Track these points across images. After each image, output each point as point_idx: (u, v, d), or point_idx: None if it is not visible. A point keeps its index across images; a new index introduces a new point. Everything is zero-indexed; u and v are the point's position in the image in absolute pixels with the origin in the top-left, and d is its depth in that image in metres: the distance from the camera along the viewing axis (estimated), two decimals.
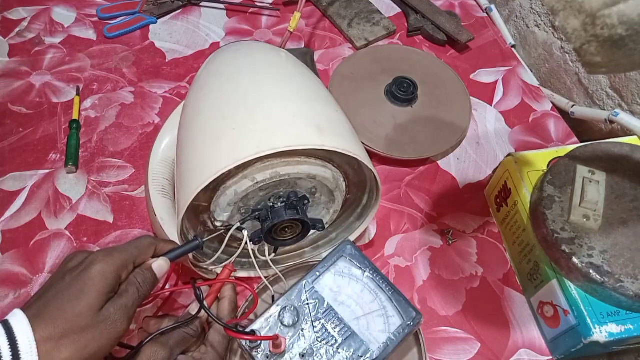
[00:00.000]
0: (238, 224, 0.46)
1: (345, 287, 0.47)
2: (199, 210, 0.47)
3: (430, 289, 0.57)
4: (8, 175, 0.62)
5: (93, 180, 0.63)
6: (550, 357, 0.53)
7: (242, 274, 0.54)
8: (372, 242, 0.60)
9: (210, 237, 0.47)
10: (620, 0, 0.31)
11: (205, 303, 0.44)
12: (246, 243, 0.47)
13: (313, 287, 0.46)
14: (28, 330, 0.30)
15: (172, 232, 0.50)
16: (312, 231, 0.51)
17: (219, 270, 0.51)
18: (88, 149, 0.65)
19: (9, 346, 0.29)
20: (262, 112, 0.44)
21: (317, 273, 0.47)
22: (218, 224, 0.47)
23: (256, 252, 0.48)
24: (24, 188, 0.61)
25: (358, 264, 0.48)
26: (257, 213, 0.46)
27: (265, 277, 0.50)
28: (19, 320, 0.31)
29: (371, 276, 0.47)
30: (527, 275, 0.56)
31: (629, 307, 0.47)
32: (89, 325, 0.33)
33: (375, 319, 0.45)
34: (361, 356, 0.43)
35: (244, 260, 0.54)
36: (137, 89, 0.72)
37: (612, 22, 0.31)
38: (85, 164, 0.64)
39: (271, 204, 0.47)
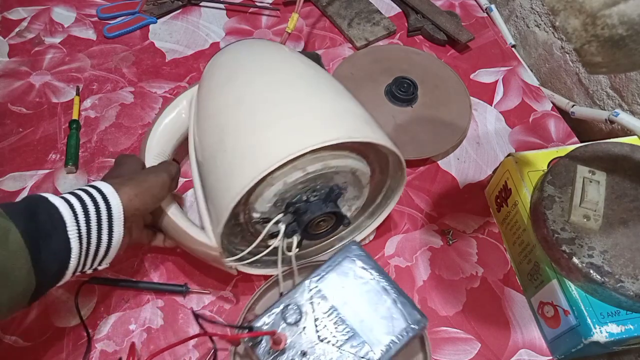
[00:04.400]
0: (280, 215, 0.46)
1: (349, 288, 0.47)
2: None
3: (430, 289, 0.57)
4: (8, 175, 0.62)
5: (93, 180, 0.63)
6: (551, 357, 0.53)
7: (252, 271, 0.54)
8: (372, 242, 0.60)
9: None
10: (620, 0, 0.31)
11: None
12: (280, 236, 0.47)
13: (317, 287, 0.46)
14: (108, 185, 0.43)
15: (188, 226, 0.49)
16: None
17: (241, 268, 0.51)
18: (88, 149, 0.65)
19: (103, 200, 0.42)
20: (316, 104, 0.45)
21: (322, 272, 0.47)
22: (256, 215, 0.46)
23: (279, 252, 0.48)
24: (23, 188, 0.61)
25: (364, 265, 0.48)
26: (296, 206, 0.46)
27: (276, 274, 0.50)
28: (102, 184, 0.44)
29: (376, 278, 0.47)
30: (528, 275, 0.56)
31: (629, 307, 0.47)
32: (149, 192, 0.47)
33: (379, 320, 0.45)
34: (363, 357, 0.43)
35: (253, 258, 0.53)
36: (137, 89, 0.72)
37: (612, 22, 0.31)
38: (85, 164, 0.64)
39: (306, 198, 0.47)
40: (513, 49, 0.82)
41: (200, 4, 0.83)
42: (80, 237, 0.40)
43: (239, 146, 0.44)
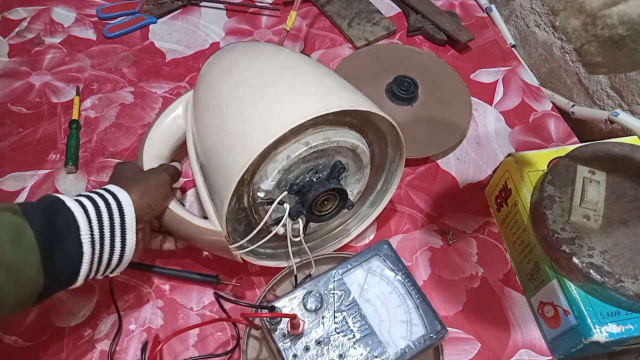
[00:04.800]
0: (285, 193, 0.46)
1: (374, 286, 0.47)
2: (239, 183, 0.46)
3: (430, 289, 0.57)
4: (8, 175, 0.62)
5: (93, 180, 0.63)
6: (551, 357, 0.53)
7: (257, 262, 0.53)
8: (372, 241, 0.60)
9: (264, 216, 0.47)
10: (620, 0, 0.31)
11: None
12: (285, 219, 0.47)
13: (342, 279, 0.46)
14: (123, 192, 0.45)
15: (191, 216, 0.50)
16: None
17: (247, 258, 0.51)
18: (88, 149, 0.65)
19: (114, 200, 0.43)
20: (313, 81, 0.46)
21: (349, 266, 0.47)
22: (261, 195, 0.46)
23: (289, 234, 0.48)
24: (23, 188, 0.61)
25: (392, 266, 0.48)
26: (301, 184, 0.46)
27: (289, 265, 0.50)
28: (117, 189, 0.45)
29: (402, 280, 0.47)
30: (528, 275, 0.56)
31: (629, 307, 0.47)
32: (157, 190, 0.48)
33: (398, 323, 0.45)
34: (376, 357, 0.43)
35: (261, 250, 0.53)
36: (137, 89, 0.72)
37: (612, 22, 0.31)
38: (85, 164, 0.64)
39: (308, 178, 0.47)
40: (513, 49, 0.82)
41: (200, 4, 0.83)
42: (92, 242, 0.41)
43: (240, 125, 0.45)
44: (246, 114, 0.45)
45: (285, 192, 0.46)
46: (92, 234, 0.41)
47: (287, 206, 0.47)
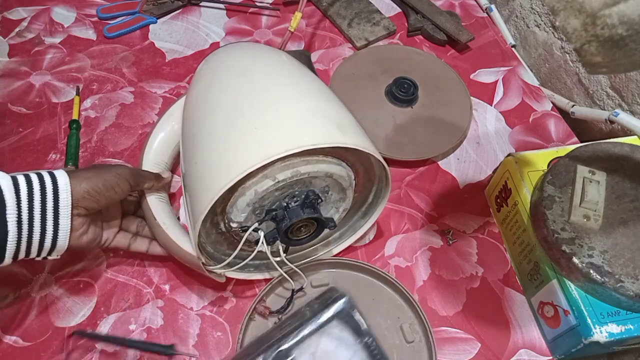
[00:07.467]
0: (256, 224, 0.46)
1: (330, 354, 0.42)
2: (212, 212, 0.46)
3: (430, 289, 0.57)
4: None
5: None
6: (551, 357, 0.53)
7: (243, 276, 0.54)
8: (372, 242, 0.60)
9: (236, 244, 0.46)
10: (620, 0, 0.31)
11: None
12: (261, 244, 0.46)
13: (288, 356, 0.42)
14: (65, 176, 0.44)
15: (177, 235, 0.49)
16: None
17: (231, 274, 0.51)
18: (88, 149, 0.65)
19: (52, 182, 0.43)
20: (282, 111, 0.45)
21: (301, 334, 0.42)
22: (234, 224, 0.46)
23: (269, 255, 0.48)
24: None
25: (351, 326, 0.43)
26: (274, 213, 0.46)
27: (278, 275, 0.50)
28: (60, 173, 0.44)
29: (366, 343, 0.42)
30: (527, 275, 0.56)
31: (629, 307, 0.47)
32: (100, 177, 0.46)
33: None
34: None
35: (250, 262, 0.53)
36: (137, 89, 0.72)
37: (612, 22, 0.31)
38: (85, 164, 0.64)
39: (285, 204, 0.46)
40: (513, 49, 0.82)
41: (200, 4, 0.83)
42: (19, 222, 0.40)
43: (209, 159, 0.44)
44: (214, 148, 0.44)
45: (257, 223, 0.46)
46: (19, 214, 0.40)
47: (261, 233, 0.46)
